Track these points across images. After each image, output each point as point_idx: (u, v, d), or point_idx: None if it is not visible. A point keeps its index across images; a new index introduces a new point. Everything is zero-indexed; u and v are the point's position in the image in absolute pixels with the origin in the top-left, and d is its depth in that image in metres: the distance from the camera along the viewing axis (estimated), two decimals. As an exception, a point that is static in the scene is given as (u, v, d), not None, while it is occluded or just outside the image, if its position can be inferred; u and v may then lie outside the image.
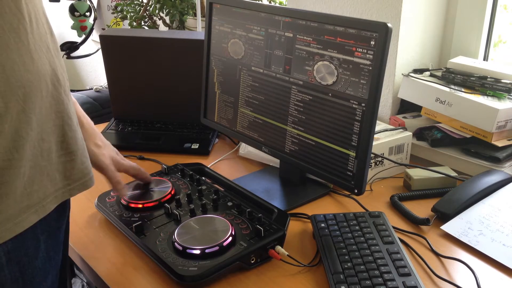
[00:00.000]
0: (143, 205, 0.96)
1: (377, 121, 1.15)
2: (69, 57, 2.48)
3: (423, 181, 1.08)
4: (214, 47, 1.17)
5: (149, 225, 0.91)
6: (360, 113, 0.90)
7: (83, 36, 2.49)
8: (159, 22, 2.02)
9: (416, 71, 1.30)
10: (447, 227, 0.94)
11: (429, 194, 1.06)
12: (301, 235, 0.94)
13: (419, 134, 1.24)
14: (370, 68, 0.87)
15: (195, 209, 0.93)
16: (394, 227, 0.93)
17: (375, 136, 1.12)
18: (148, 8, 1.96)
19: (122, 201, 0.98)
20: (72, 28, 2.52)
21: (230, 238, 0.83)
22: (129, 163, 0.98)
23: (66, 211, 0.74)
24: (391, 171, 1.16)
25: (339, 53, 0.91)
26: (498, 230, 0.92)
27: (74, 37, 2.60)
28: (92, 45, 2.64)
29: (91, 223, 0.98)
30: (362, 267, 0.79)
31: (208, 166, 1.14)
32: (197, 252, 0.81)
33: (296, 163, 1.04)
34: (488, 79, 1.17)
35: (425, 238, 0.92)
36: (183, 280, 0.78)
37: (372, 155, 1.10)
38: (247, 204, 0.95)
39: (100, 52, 1.62)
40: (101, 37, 1.37)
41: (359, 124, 0.90)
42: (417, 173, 1.10)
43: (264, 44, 1.04)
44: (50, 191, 0.66)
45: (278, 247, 0.85)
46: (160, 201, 0.97)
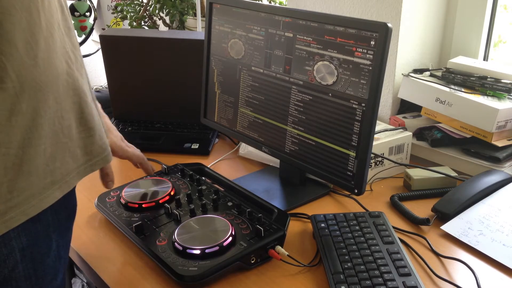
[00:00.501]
0: (143, 205, 0.96)
1: (377, 121, 1.15)
2: (69, 57, 2.47)
3: (423, 181, 1.08)
4: (214, 47, 1.17)
5: (149, 225, 0.91)
6: (360, 113, 0.90)
7: (83, 36, 2.49)
8: (159, 22, 2.02)
9: (416, 71, 1.30)
10: (447, 227, 0.94)
11: (429, 194, 1.06)
12: (301, 235, 0.94)
13: (419, 134, 1.24)
14: (370, 68, 0.87)
15: (195, 209, 0.93)
16: (394, 227, 0.93)
17: (375, 136, 1.12)
18: (148, 8, 1.96)
19: (122, 201, 0.98)
20: (72, 28, 2.52)
21: (230, 238, 0.83)
22: (134, 151, 0.99)
23: (75, 211, 0.75)
24: (391, 171, 1.16)
25: (339, 53, 0.91)
26: (498, 230, 0.92)
27: (74, 37, 2.60)
28: (92, 45, 2.64)
29: (91, 223, 0.98)
30: (362, 267, 0.79)
31: (208, 166, 1.14)
32: (197, 252, 0.81)
33: (296, 163, 1.04)
34: (488, 79, 1.17)
35: (425, 238, 0.92)
36: (183, 280, 0.78)
37: (372, 155, 1.11)
38: (247, 204, 0.95)
39: (100, 52, 1.62)
40: (101, 37, 1.37)
41: (359, 124, 0.90)
42: (417, 173, 1.10)
43: (264, 44, 1.04)
44: (72, 167, 0.67)
45: (278, 247, 0.85)
46: (160, 201, 0.97)
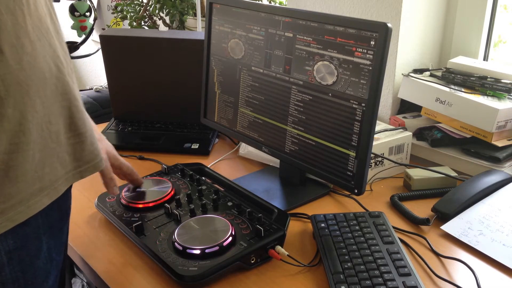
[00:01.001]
0: (143, 205, 0.96)
1: (377, 121, 1.14)
2: (69, 57, 2.47)
3: (423, 181, 1.08)
4: (214, 47, 1.17)
5: (149, 225, 0.91)
6: (360, 113, 0.90)
7: (83, 36, 2.49)
8: (159, 22, 2.02)
9: (416, 71, 1.30)
10: (447, 227, 0.94)
11: (429, 194, 1.06)
12: (301, 235, 0.94)
13: (419, 134, 1.24)
14: (370, 68, 0.87)
15: (195, 209, 0.93)
16: (394, 227, 0.93)
17: (375, 136, 1.12)
18: (148, 8, 1.96)
19: (122, 201, 0.98)
20: (72, 28, 2.52)
21: (230, 238, 0.83)
22: (124, 160, 0.97)
23: (68, 213, 0.74)
24: (391, 171, 1.16)
25: (339, 53, 0.91)
26: (498, 230, 0.92)
27: (74, 37, 2.60)
28: (92, 45, 2.65)
29: (91, 223, 0.98)
30: (362, 267, 0.79)
31: (208, 166, 1.14)
32: (197, 252, 0.81)
33: (296, 163, 1.04)
34: (488, 79, 1.17)
35: (425, 238, 0.92)
36: (183, 280, 0.78)
37: (372, 155, 1.10)
38: (247, 204, 0.95)
39: (100, 52, 1.62)
40: (101, 37, 1.37)
41: (359, 124, 0.90)
42: (417, 173, 1.10)
43: (264, 44, 1.04)
44: (61, 174, 0.66)
45: (278, 247, 0.85)
46: (160, 201, 0.97)
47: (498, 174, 1.06)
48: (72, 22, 2.50)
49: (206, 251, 0.81)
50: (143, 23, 1.99)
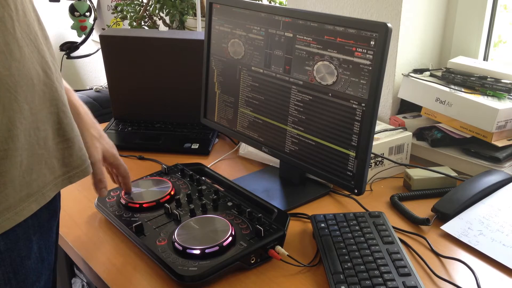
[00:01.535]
0: (143, 205, 0.96)
1: (377, 121, 1.15)
2: (69, 57, 2.48)
3: (423, 181, 1.08)
4: (214, 47, 1.17)
5: (149, 225, 0.91)
6: (360, 113, 0.90)
7: (83, 36, 2.49)
8: (159, 22, 2.02)
9: (416, 71, 1.30)
10: (447, 227, 0.94)
11: (429, 194, 1.06)
12: (301, 235, 0.94)
13: (419, 134, 1.24)
14: (370, 68, 0.87)
15: (195, 209, 0.93)
16: (394, 227, 0.93)
17: (375, 136, 1.12)
18: (148, 8, 1.96)
19: (122, 201, 0.98)
20: (72, 28, 2.52)
21: (230, 238, 0.83)
22: (123, 162, 0.95)
23: (57, 212, 0.74)
24: (391, 171, 1.16)
25: (339, 53, 0.91)
26: (498, 230, 0.92)
27: (74, 37, 2.60)
28: (92, 45, 2.65)
29: (91, 223, 0.98)
30: (362, 267, 0.79)
31: (208, 166, 1.14)
32: (197, 252, 0.81)
33: (296, 163, 1.04)
34: (488, 79, 1.17)
35: (425, 238, 0.92)
36: (183, 280, 0.78)
37: (372, 155, 1.11)
38: (247, 204, 0.95)
39: (100, 52, 1.62)
40: (101, 37, 1.37)
41: (359, 124, 0.90)
42: (417, 173, 1.10)
43: (264, 44, 1.04)
44: (49, 179, 0.66)
45: (278, 247, 0.85)
46: (160, 201, 0.97)
47: (498, 174, 1.06)
48: (72, 22, 2.51)
49: (206, 251, 0.81)
50: (143, 23, 1.99)
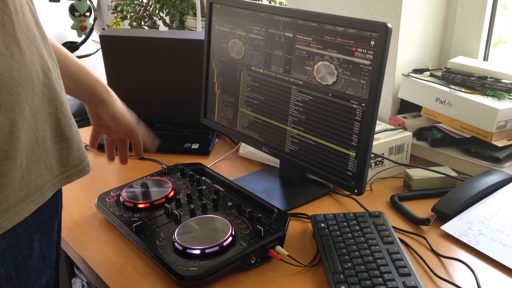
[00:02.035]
0: (143, 205, 0.96)
1: (377, 121, 1.15)
2: (69, 57, 2.47)
3: (423, 181, 1.08)
4: (214, 47, 1.17)
5: (149, 225, 0.91)
6: (360, 113, 0.90)
7: (83, 36, 2.50)
8: (159, 22, 2.02)
9: (416, 71, 1.30)
10: (447, 227, 0.94)
11: (429, 194, 1.06)
12: (301, 235, 0.94)
13: (419, 134, 1.24)
14: (370, 68, 0.87)
15: (195, 209, 0.93)
16: (394, 227, 0.93)
17: (375, 136, 1.12)
18: (148, 8, 1.96)
19: (122, 201, 0.98)
20: (72, 28, 2.52)
21: (230, 238, 0.83)
22: (136, 126, 1.03)
23: (58, 210, 0.74)
24: (391, 171, 1.17)
25: (339, 53, 0.91)
26: (498, 230, 0.92)
27: (74, 37, 2.60)
28: (92, 45, 2.65)
29: (91, 223, 0.98)
30: (362, 267, 0.79)
31: (208, 166, 1.14)
32: (197, 252, 0.81)
33: (296, 163, 1.04)
34: (488, 79, 1.17)
35: (425, 238, 0.92)
36: (183, 280, 0.78)
37: (372, 155, 1.11)
38: (247, 204, 0.95)
39: (100, 52, 1.62)
40: (101, 37, 1.37)
41: (359, 124, 0.90)
42: (417, 173, 1.10)
43: (264, 44, 1.04)
44: (47, 179, 0.66)
45: (278, 247, 0.85)
46: (160, 201, 0.97)
47: (498, 174, 1.06)
48: (72, 22, 2.51)
49: (206, 251, 0.81)
50: (143, 23, 1.99)
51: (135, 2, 2.02)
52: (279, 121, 1.05)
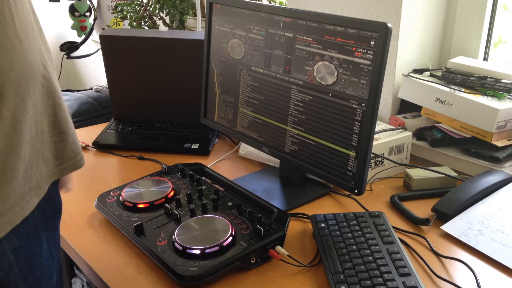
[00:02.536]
0: (143, 205, 0.96)
1: (377, 121, 1.15)
2: (69, 57, 2.48)
3: (423, 181, 1.08)
4: (214, 47, 1.17)
5: (149, 225, 0.91)
6: (360, 113, 0.90)
7: (83, 36, 2.49)
8: (159, 22, 2.02)
9: (416, 71, 1.30)
10: (447, 227, 0.94)
11: (429, 194, 1.06)
12: (301, 235, 0.94)
13: (419, 134, 1.24)
14: (370, 68, 0.87)
15: (195, 209, 0.93)
16: (394, 227, 0.93)
17: (375, 136, 1.12)
18: (148, 8, 1.96)
19: (122, 201, 0.98)
20: (72, 28, 2.52)
21: (230, 238, 0.83)
22: None
23: (60, 210, 0.74)
24: (391, 171, 1.16)
25: (339, 53, 0.91)
26: (498, 230, 0.92)
27: (74, 37, 2.60)
28: (92, 45, 2.64)
29: (91, 223, 0.98)
30: (362, 267, 0.79)
31: (208, 166, 1.14)
32: (197, 252, 0.81)
33: (296, 163, 1.04)
34: (488, 79, 1.17)
35: (425, 238, 0.92)
36: (183, 280, 0.78)
37: (372, 155, 1.10)
38: (247, 204, 0.95)
39: (100, 52, 1.62)
40: (101, 37, 1.37)
41: (359, 124, 0.90)
42: (417, 173, 1.10)
43: (264, 44, 1.04)
44: (44, 172, 0.66)
45: (278, 247, 0.85)
46: (160, 201, 0.97)
47: (498, 174, 1.06)
48: (72, 22, 2.50)
49: (206, 251, 0.81)
50: (143, 23, 1.99)
51: (135, 2, 2.02)
52: (279, 121, 1.05)
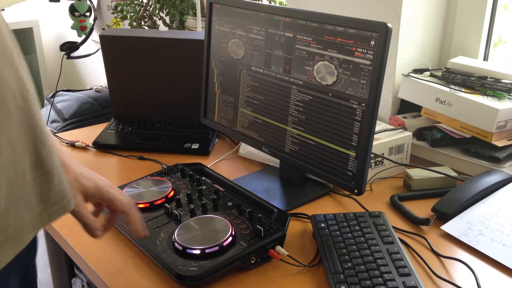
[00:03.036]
0: (143, 205, 0.96)
1: (377, 121, 1.14)
2: (69, 57, 2.48)
3: (423, 181, 1.08)
4: (214, 47, 1.17)
5: (149, 225, 0.91)
6: (360, 113, 0.90)
7: (83, 36, 2.49)
8: (159, 22, 2.02)
9: (416, 71, 1.30)
10: (447, 227, 0.94)
11: (429, 194, 1.06)
12: (301, 235, 0.94)
13: (419, 134, 1.24)
14: (370, 68, 0.87)
15: (195, 209, 0.93)
16: (394, 227, 0.93)
17: (375, 136, 1.12)
18: (148, 8, 1.96)
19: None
20: (72, 28, 2.52)
21: (230, 238, 0.83)
22: (120, 194, 0.78)
23: (36, 247, 0.68)
24: (391, 171, 1.16)
25: (339, 53, 0.91)
26: (498, 230, 0.92)
27: (74, 37, 2.60)
28: (92, 45, 2.64)
29: (91, 223, 0.98)
30: (362, 267, 0.79)
31: (208, 166, 1.14)
32: (197, 252, 0.81)
33: (296, 163, 1.04)
34: (488, 79, 1.17)
35: (425, 238, 0.92)
36: (183, 280, 0.78)
37: (372, 155, 1.10)
38: (247, 204, 0.95)
39: (100, 52, 1.62)
40: (101, 37, 1.37)
41: (359, 124, 0.90)
42: (417, 173, 1.10)
43: (264, 44, 1.04)
44: (27, 220, 0.57)
45: (278, 247, 0.85)
46: (160, 201, 0.97)
47: (498, 174, 1.06)
48: (72, 22, 2.50)
49: (206, 251, 0.81)
50: (143, 23, 1.99)
51: (135, 2, 2.02)
52: (279, 121, 1.05)
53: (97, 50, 2.46)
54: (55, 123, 1.91)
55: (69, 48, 2.46)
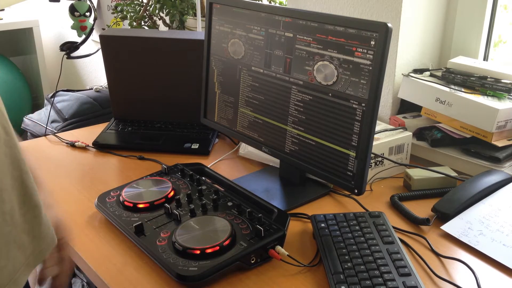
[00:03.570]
0: (143, 205, 0.96)
1: (377, 121, 1.14)
2: (69, 57, 2.48)
3: (423, 181, 1.08)
4: (214, 47, 1.17)
5: (149, 225, 0.91)
6: (360, 113, 0.90)
7: (83, 36, 2.49)
8: (159, 22, 2.02)
9: (416, 71, 1.30)
10: (447, 227, 0.94)
11: (429, 194, 1.06)
12: (301, 235, 0.94)
13: (419, 134, 1.24)
14: (370, 68, 0.87)
15: (195, 209, 0.93)
16: (394, 227, 0.93)
17: (375, 136, 1.12)
18: (148, 8, 1.96)
19: (122, 201, 0.98)
20: (72, 28, 2.52)
21: (230, 238, 0.83)
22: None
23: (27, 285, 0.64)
24: (391, 171, 1.16)
25: (339, 53, 0.91)
26: (498, 230, 0.92)
27: (74, 37, 2.60)
28: (92, 45, 2.64)
29: (91, 223, 0.98)
30: (362, 267, 0.79)
31: (208, 166, 1.14)
32: (197, 252, 0.81)
33: (296, 163, 1.04)
34: (488, 79, 1.17)
35: (425, 238, 0.92)
36: (183, 280, 0.78)
37: (372, 155, 1.10)
38: (247, 204, 0.95)
39: (100, 52, 1.62)
40: (101, 37, 1.37)
41: (359, 124, 0.90)
42: (417, 173, 1.10)
43: (264, 44, 1.04)
44: (20, 261, 0.53)
45: (278, 247, 0.85)
46: (160, 201, 0.97)
47: (498, 174, 1.06)
48: (72, 22, 2.50)
49: (206, 251, 0.81)
50: (143, 23, 1.99)
51: (135, 2, 2.02)
52: (279, 121, 1.05)
53: (97, 50, 2.46)
54: (55, 123, 1.91)
55: (69, 48, 2.46)
